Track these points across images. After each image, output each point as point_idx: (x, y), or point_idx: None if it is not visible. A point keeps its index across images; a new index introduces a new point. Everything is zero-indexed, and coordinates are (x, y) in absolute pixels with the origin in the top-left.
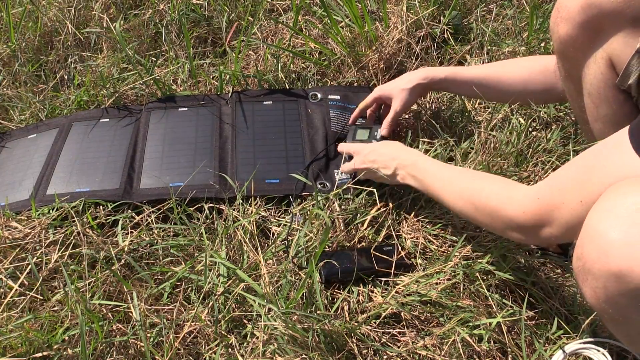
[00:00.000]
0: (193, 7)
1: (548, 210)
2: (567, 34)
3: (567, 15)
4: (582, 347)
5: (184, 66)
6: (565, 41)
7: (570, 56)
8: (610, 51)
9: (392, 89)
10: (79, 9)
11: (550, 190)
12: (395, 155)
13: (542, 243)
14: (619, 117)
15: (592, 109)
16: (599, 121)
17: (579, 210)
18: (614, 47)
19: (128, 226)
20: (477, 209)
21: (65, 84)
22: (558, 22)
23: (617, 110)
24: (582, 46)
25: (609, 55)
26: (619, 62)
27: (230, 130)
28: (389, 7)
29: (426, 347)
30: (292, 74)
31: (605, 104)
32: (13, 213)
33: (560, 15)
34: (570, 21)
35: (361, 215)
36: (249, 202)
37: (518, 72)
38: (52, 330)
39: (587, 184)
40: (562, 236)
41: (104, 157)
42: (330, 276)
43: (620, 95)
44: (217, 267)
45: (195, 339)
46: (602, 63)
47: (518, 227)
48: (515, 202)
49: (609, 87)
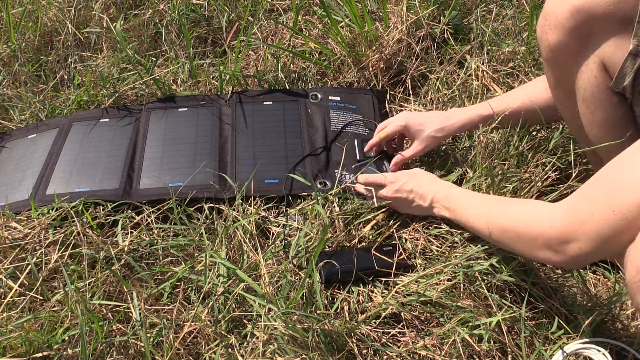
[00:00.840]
0: (193, 7)
1: (576, 223)
2: (557, 41)
3: (555, 23)
4: (582, 347)
5: (184, 66)
6: (555, 48)
7: (561, 63)
8: (602, 55)
9: (419, 131)
10: (79, 9)
11: (577, 202)
12: (432, 187)
13: (574, 262)
14: (615, 120)
15: (587, 115)
16: (595, 126)
17: (611, 221)
18: (605, 51)
19: (128, 226)
20: (505, 231)
21: (65, 84)
22: (546, 30)
23: (612, 113)
24: (573, 52)
25: (601, 59)
26: (612, 65)
27: (230, 130)
28: (389, 7)
29: (426, 347)
30: (292, 74)
31: (600, 108)
32: (12, 213)
33: (549, 23)
34: (560, 28)
35: (363, 215)
36: (249, 202)
37: (544, 99)
38: (52, 330)
39: (615, 192)
40: (593, 252)
41: (104, 157)
42: (330, 276)
43: (615, 97)
44: (217, 267)
45: (195, 339)
46: (594, 67)
47: (545, 244)
48: (541, 218)
49: (603, 91)
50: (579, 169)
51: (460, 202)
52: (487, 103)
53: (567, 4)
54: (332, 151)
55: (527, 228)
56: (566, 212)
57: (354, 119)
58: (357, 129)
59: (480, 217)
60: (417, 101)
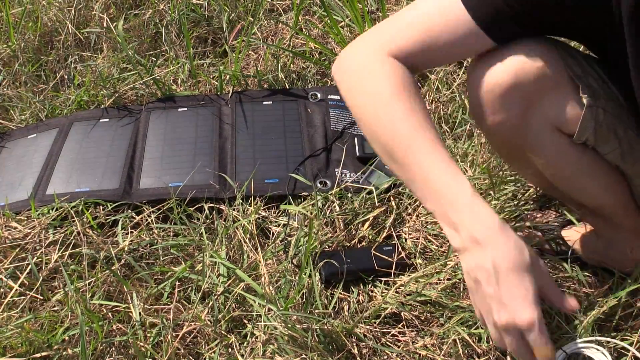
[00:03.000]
0: (193, 7)
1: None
2: (497, 125)
3: (491, 110)
4: (582, 346)
5: (184, 66)
6: (498, 132)
7: (513, 144)
8: (552, 119)
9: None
10: (79, 9)
11: None
12: None
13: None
14: (585, 167)
15: (555, 175)
16: (565, 179)
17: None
18: (553, 114)
19: (128, 226)
20: None
21: (65, 84)
22: (482, 116)
23: (579, 161)
24: (518, 131)
25: (552, 123)
26: (564, 124)
27: (230, 130)
28: (389, 7)
29: (426, 347)
30: (292, 74)
31: (567, 164)
32: (13, 213)
33: (483, 111)
34: (496, 113)
35: (362, 214)
36: (249, 202)
37: None
38: (52, 330)
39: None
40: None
41: (104, 157)
42: (330, 276)
43: (578, 147)
44: (217, 267)
45: (195, 339)
46: (549, 131)
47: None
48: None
49: (565, 148)
50: None
51: None
52: None
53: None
54: (332, 150)
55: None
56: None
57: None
58: (358, 129)
59: None
60: None
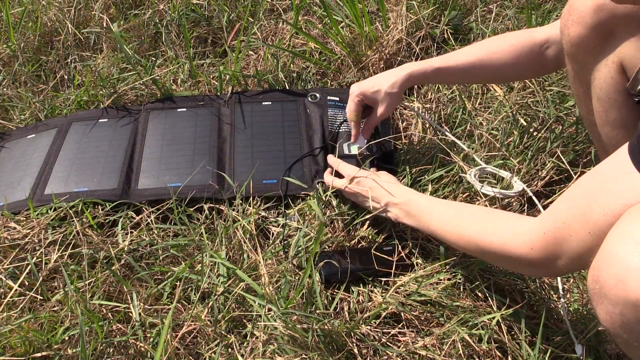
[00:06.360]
0: (193, 7)
1: (556, 244)
2: (578, 37)
3: (578, 18)
4: None
5: (184, 66)
6: (576, 44)
7: (581, 59)
8: (621, 56)
9: (375, 93)
10: (79, 9)
11: (555, 223)
12: (390, 192)
13: (556, 274)
14: (628, 121)
15: (601, 113)
16: (608, 125)
17: (588, 241)
18: (625, 52)
19: (128, 226)
20: (484, 252)
21: (65, 84)
22: (569, 24)
23: (627, 114)
24: (593, 49)
25: (620, 60)
26: (630, 67)
27: (229, 130)
28: (389, 7)
29: (426, 347)
30: (292, 74)
31: (614, 108)
32: (11, 213)
33: (572, 18)
34: (582, 24)
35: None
36: (249, 202)
37: (504, 57)
38: (52, 330)
39: (592, 214)
40: (575, 267)
41: (103, 157)
42: (330, 276)
43: (630, 99)
44: (217, 267)
45: (195, 339)
46: (612, 67)
47: (529, 264)
48: (520, 239)
49: (619, 92)
50: (579, 170)
51: (423, 212)
52: (445, 56)
53: (591, 1)
54: (331, 150)
55: (509, 251)
56: (546, 234)
57: None
58: None
59: (451, 232)
60: (417, 101)
